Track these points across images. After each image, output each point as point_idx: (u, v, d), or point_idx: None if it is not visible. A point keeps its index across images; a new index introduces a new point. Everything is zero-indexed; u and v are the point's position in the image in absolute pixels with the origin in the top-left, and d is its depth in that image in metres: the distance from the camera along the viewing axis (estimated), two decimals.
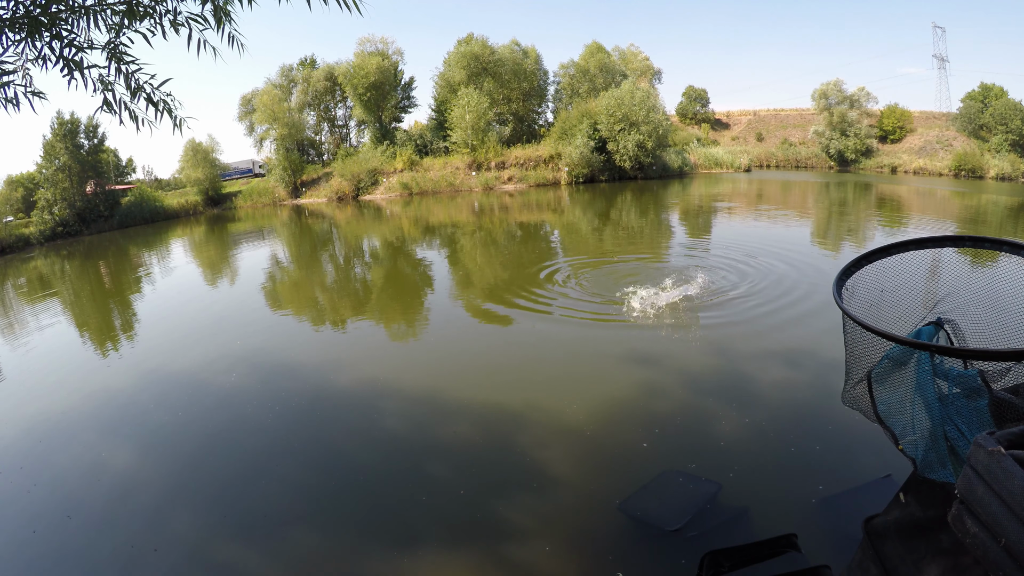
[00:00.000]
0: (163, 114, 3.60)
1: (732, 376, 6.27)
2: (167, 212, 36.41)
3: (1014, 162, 36.15)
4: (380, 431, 5.81)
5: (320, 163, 44.83)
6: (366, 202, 36.32)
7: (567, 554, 3.82)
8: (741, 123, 55.16)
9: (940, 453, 2.01)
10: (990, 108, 40.00)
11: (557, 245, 16.85)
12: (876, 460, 4.39)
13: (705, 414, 5.48)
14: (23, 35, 3.02)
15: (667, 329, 7.87)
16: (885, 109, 46.11)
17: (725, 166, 43.41)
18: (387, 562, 3.86)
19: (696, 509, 4.00)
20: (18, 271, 21.72)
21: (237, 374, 7.63)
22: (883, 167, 42.63)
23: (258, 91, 42.13)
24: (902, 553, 2.00)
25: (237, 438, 5.89)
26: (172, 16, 3.30)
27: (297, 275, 15.42)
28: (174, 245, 25.06)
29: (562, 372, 6.81)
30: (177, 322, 10.97)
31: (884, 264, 2.56)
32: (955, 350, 2.04)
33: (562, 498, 4.43)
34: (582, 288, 10.39)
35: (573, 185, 36.14)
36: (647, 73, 48.78)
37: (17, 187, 35.43)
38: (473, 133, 38.01)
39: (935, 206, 23.23)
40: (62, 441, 6.16)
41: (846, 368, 2.49)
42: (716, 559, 3.06)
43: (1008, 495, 1.35)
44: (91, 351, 9.73)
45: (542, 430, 5.49)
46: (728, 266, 11.45)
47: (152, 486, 5.11)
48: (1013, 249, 2.27)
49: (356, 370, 7.54)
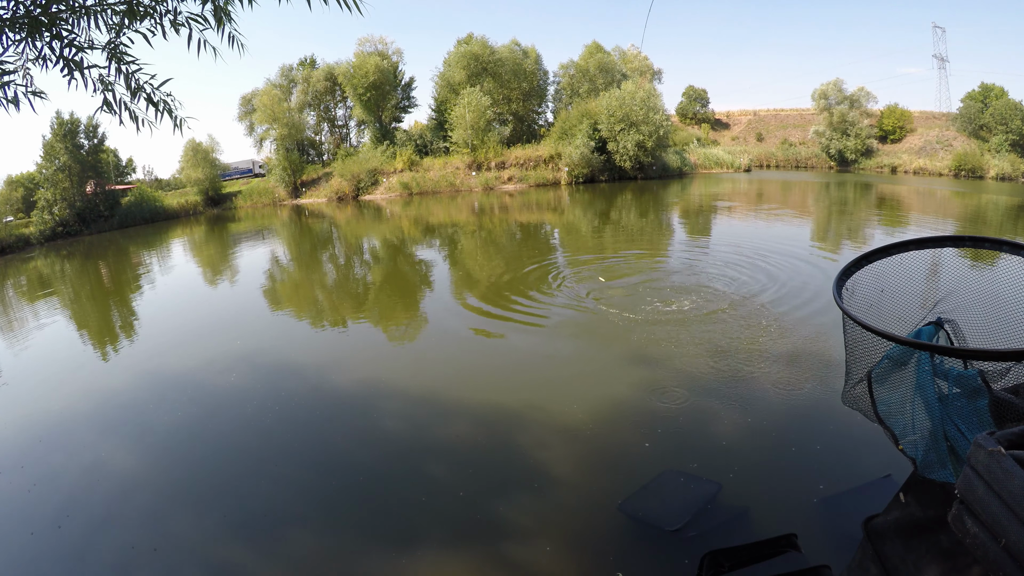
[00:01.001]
0: (163, 114, 3.60)
1: (732, 376, 6.27)
2: (167, 212, 36.40)
3: (1014, 162, 36.16)
4: (380, 431, 5.81)
5: (320, 163, 44.83)
6: (366, 202, 36.32)
7: (567, 554, 3.82)
8: (741, 123, 55.17)
9: (940, 453, 2.01)
10: (990, 108, 40.01)
11: (557, 245, 16.85)
12: (876, 460, 4.39)
13: (705, 414, 5.48)
14: (23, 35, 3.02)
15: (667, 329, 7.87)
16: (885, 109, 46.12)
17: (725, 166, 43.42)
18: (387, 562, 3.86)
19: (696, 509, 3.99)
20: (18, 271, 21.72)
21: (237, 374, 7.64)
22: (883, 167, 42.63)
23: (258, 91, 42.18)
24: (902, 553, 2.00)
25: (237, 438, 5.89)
26: (172, 16, 3.30)
27: (297, 275, 15.42)
28: (174, 245, 25.05)
29: (562, 372, 6.81)
30: (177, 322, 10.97)
31: (884, 264, 2.56)
32: (955, 350, 2.04)
33: (562, 498, 4.43)
34: (582, 288, 10.39)
35: (573, 185, 36.14)
36: (647, 73, 48.77)
37: (17, 187, 35.42)
38: (473, 133, 38.03)
39: (935, 206, 23.23)
40: (62, 441, 6.15)
41: (846, 368, 2.49)
42: (716, 559, 3.06)
43: (1008, 495, 1.35)
44: (91, 351, 9.73)
45: (542, 430, 5.49)
46: (726, 266, 11.45)
47: (151, 486, 5.11)
48: (1013, 249, 2.27)
49: (356, 370, 7.55)
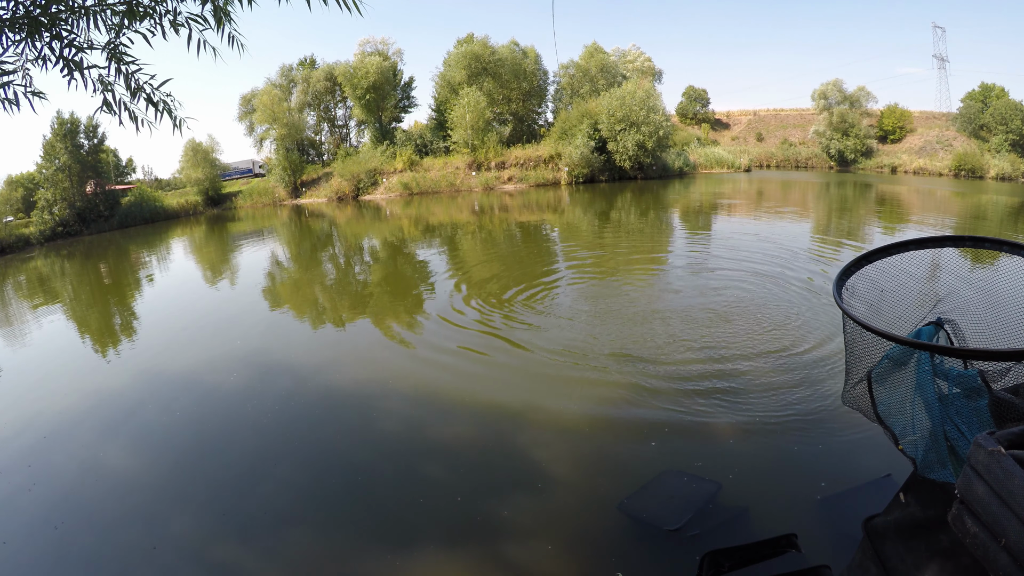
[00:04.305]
0: (163, 114, 3.60)
1: (732, 376, 6.27)
2: (167, 212, 36.40)
3: (1014, 162, 36.16)
4: (379, 431, 5.81)
5: (320, 163, 44.83)
6: (366, 202, 36.31)
7: (567, 554, 3.82)
8: (741, 123, 55.15)
9: (940, 453, 2.01)
10: (990, 108, 40.02)
11: (557, 245, 16.85)
12: (876, 460, 4.39)
13: (705, 414, 5.47)
14: (23, 35, 3.02)
15: (667, 329, 7.87)
16: (885, 109, 46.11)
17: (725, 166, 43.41)
18: (386, 563, 3.86)
19: (696, 509, 4.00)
20: (18, 271, 21.71)
21: (237, 374, 7.64)
22: (883, 167, 42.62)
23: (258, 91, 42.17)
24: (902, 553, 2.00)
25: (237, 438, 5.89)
26: (172, 16, 3.30)
27: (297, 275, 15.42)
28: (174, 245, 25.05)
29: (562, 372, 6.80)
30: (177, 322, 10.96)
31: (884, 264, 2.56)
32: (955, 350, 2.04)
33: (562, 498, 4.43)
34: (580, 288, 10.39)
35: (573, 185, 36.13)
36: (648, 73, 48.76)
37: (17, 187, 35.42)
38: (473, 133, 38.02)
39: (935, 206, 23.22)
40: (61, 441, 6.15)
41: (846, 368, 2.49)
42: (716, 559, 3.07)
43: (1008, 495, 1.35)
44: (90, 351, 9.73)
45: (542, 430, 5.49)
46: (726, 267, 11.45)
47: (151, 486, 5.11)
48: (1013, 249, 2.27)
49: (355, 370, 7.55)
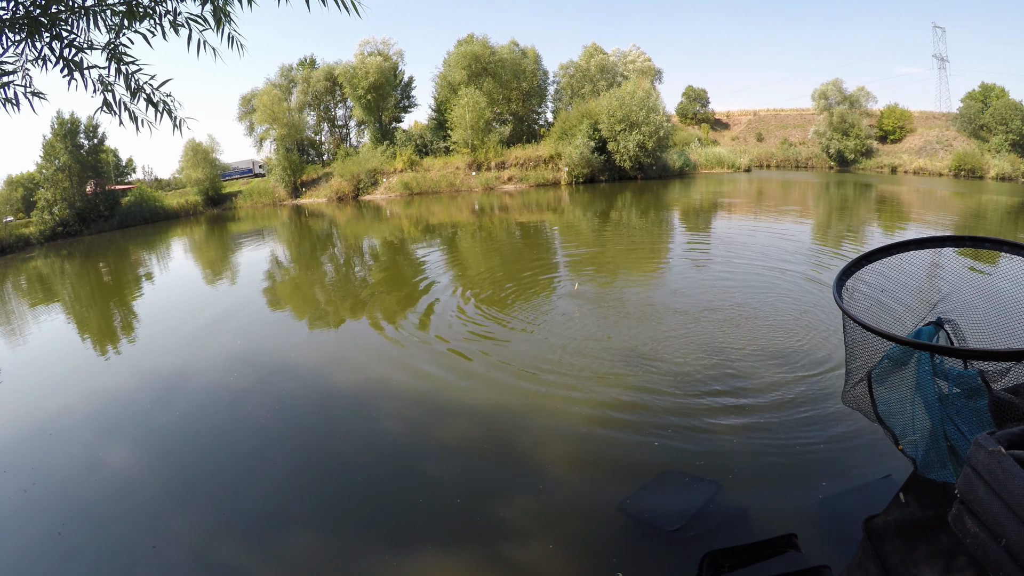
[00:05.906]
0: (163, 114, 3.60)
1: (733, 376, 6.27)
2: (167, 212, 36.38)
3: (1014, 162, 36.13)
4: (379, 432, 5.81)
5: (320, 163, 44.81)
6: (366, 202, 36.30)
7: (567, 554, 3.82)
8: (741, 123, 55.12)
9: (940, 453, 2.01)
10: (990, 108, 39.97)
11: (557, 245, 16.85)
12: (876, 460, 4.39)
13: (705, 414, 5.47)
14: (23, 35, 3.02)
15: (666, 328, 7.87)
16: (885, 109, 46.06)
17: (725, 166, 43.39)
18: (386, 563, 3.86)
19: (696, 509, 4.00)
20: (18, 271, 21.71)
21: (237, 374, 7.63)
22: (883, 167, 42.58)
23: (258, 91, 42.11)
24: (902, 553, 2.00)
25: (236, 438, 5.89)
26: (172, 17, 3.30)
27: (297, 275, 15.41)
28: (174, 245, 25.05)
29: (561, 372, 6.80)
30: (177, 322, 10.96)
31: (884, 264, 2.57)
32: (955, 350, 2.04)
33: (562, 498, 4.43)
34: (580, 287, 10.39)
35: (573, 185, 36.12)
36: (648, 73, 48.73)
37: (17, 187, 35.39)
38: (473, 133, 38.01)
39: (935, 206, 23.22)
40: (61, 440, 6.15)
41: (846, 368, 2.49)
42: (716, 559, 3.07)
43: (1008, 495, 1.35)
44: (90, 351, 9.73)
45: (542, 430, 5.49)
46: (727, 265, 11.45)
47: (151, 485, 5.11)
48: (1013, 249, 2.27)
49: (355, 370, 7.54)
